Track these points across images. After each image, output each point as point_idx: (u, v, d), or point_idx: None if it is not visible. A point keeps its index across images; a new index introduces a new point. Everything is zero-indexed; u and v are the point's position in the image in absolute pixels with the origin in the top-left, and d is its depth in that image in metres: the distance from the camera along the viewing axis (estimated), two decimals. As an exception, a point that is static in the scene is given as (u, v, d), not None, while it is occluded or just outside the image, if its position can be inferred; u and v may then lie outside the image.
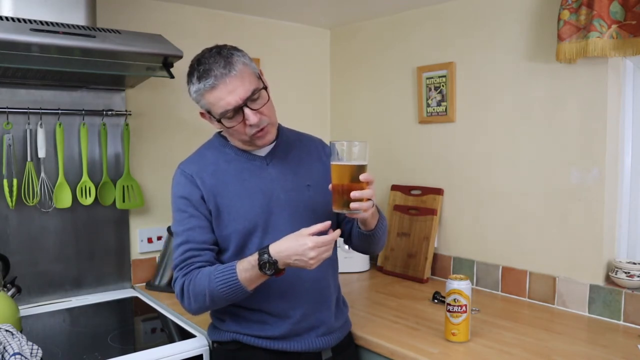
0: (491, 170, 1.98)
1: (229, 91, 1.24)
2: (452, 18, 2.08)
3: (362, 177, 1.22)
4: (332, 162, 1.25)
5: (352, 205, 1.21)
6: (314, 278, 1.37)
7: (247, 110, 1.26)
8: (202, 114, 1.35)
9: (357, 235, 1.43)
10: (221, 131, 1.44)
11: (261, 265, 1.20)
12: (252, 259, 1.22)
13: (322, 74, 2.64)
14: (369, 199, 1.24)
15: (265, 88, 1.31)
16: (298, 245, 1.19)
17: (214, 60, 1.25)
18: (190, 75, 1.29)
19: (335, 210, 1.26)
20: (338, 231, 1.24)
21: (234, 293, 1.24)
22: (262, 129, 1.31)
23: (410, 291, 1.99)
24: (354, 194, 1.20)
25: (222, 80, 1.24)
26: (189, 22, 2.17)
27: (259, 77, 1.31)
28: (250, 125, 1.28)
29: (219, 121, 1.29)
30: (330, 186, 1.26)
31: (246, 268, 1.23)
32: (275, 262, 1.20)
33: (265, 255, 1.20)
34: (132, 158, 2.05)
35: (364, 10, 2.28)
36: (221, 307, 1.33)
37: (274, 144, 1.41)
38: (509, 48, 1.89)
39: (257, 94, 1.28)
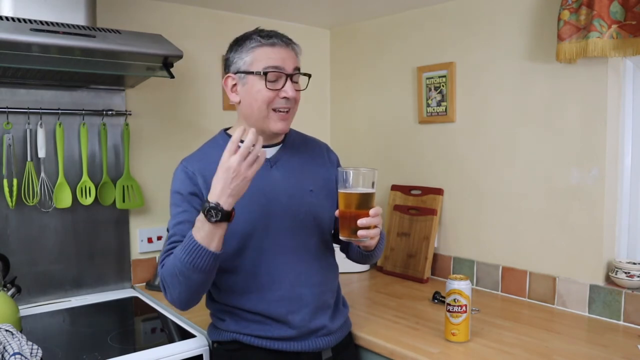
0: (491, 170, 1.98)
1: (283, 56, 1.30)
2: (452, 18, 2.08)
3: (371, 211, 1.22)
4: (340, 190, 1.25)
5: (360, 233, 1.21)
6: (313, 283, 1.37)
7: (289, 82, 1.30)
8: (228, 78, 1.34)
9: (354, 251, 1.45)
10: (227, 129, 1.44)
11: (207, 216, 1.15)
12: (200, 216, 1.18)
13: (322, 74, 2.64)
14: (375, 226, 1.24)
15: (309, 76, 1.36)
16: (222, 172, 1.14)
17: (278, 33, 1.33)
18: (245, 38, 1.32)
19: (343, 237, 1.26)
20: (259, 140, 1.16)
21: (199, 257, 1.17)
22: (287, 111, 1.33)
23: (410, 291, 1.99)
24: (361, 221, 1.21)
25: (282, 45, 1.31)
26: (189, 22, 2.17)
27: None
28: (284, 98, 1.30)
29: (265, 74, 1.27)
30: (336, 212, 1.26)
31: (198, 227, 1.18)
32: (217, 205, 1.15)
33: (206, 204, 1.16)
34: (132, 158, 2.05)
35: (364, 10, 2.28)
36: (199, 284, 1.23)
37: (279, 146, 1.41)
38: (509, 48, 1.89)
39: (299, 77, 1.35)
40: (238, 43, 1.34)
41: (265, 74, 1.28)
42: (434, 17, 2.14)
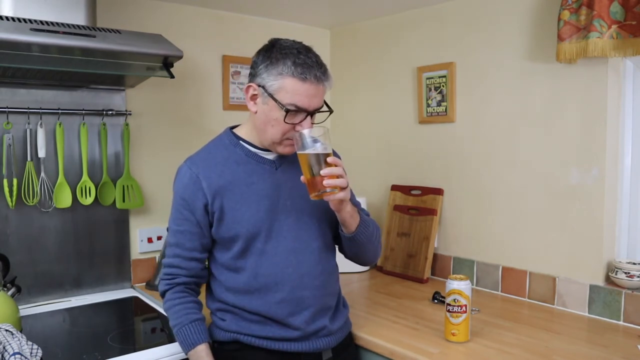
0: (491, 170, 1.98)
1: (310, 94, 1.26)
2: (452, 18, 2.08)
3: (329, 159, 1.23)
4: (298, 152, 1.25)
5: (325, 182, 1.21)
6: (315, 286, 1.37)
7: (308, 119, 1.28)
8: (250, 87, 1.31)
9: (344, 241, 1.42)
10: (233, 127, 1.44)
11: None
12: None
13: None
14: (340, 176, 1.24)
15: (331, 112, 1.34)
16: None
17: (316, 62, 1.27)
18: (280, 56, 1.26)
19: (313, 197, 1.25)
20: None
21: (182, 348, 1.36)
22: None
23: (410, 291, 1.99)
24: (324, 171, 1.21)
25: (314, 82, 1.25)
26: (189, 22, 2.17)
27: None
28: (298, 131, 1.28)
29: (287, 111, 1.25)
30: (302, 178, 1.26)
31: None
32: None
33: None
34: (132, 158, 2.05)
35: (364, 10, 2.28)
36: None
37: None
38: (509, 48, 1.89)
39: (317, 113, 1.32)
40: (271, 58, 1.26)
41: (287, 110, 1.25)
42: (434, 17, 2.14)
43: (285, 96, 1.25)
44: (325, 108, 1.33)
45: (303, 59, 1.25)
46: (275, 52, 1.27)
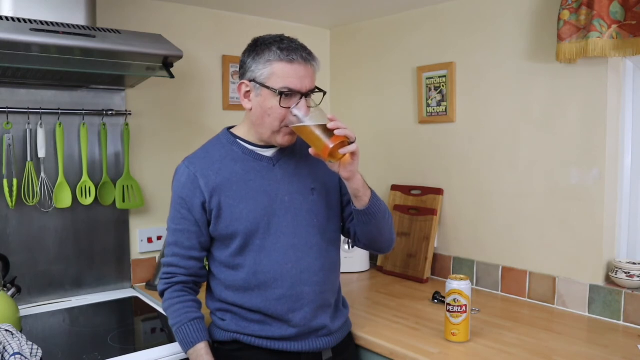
0: (491, 170, 1.98)
1: (301, 75, 1.28)
2: (452, 18, 2.08)
3: (329, 116, 1.24)
4: (300, 125, 1.26)
5: (337, 131, 1.22)
6: (315, 282, 1.37)
7: (303, 101, 1.29)
8: (242, 84, 1.33)
9: (357, 220, 1.39)
10: (230, 128, 1.44)
11: None
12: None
13: (322, 74, 2.60)
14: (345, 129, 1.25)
15: (324, 94, 1.36)
16: None
17: (300, 46, 1.31)
18: (264, 47, 1.29)
19: (328, 158, 1.24)
20: None
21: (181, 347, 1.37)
22: None
23: (410, 291, 1.99)
24: (330, 125, 1.23)
25: (301, 62, 1.28)
26: (189, 22, 2.17)
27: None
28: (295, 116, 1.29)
29: (280, 94, 1.27)
30: (311, 150, 1.26)
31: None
32: None
33: None
34: (132, 158, 2.05)
35: (364, 10, 2.28)
36: None
37: None
38: (509, 48, 1.89)
39: (313, 95, 1.34)
40: (256, 50, 1.30)
41: (281, 93, 1.27)
42: (434, 17, 2.14)
43: (277, 81, 1.28)
44: (318, 92, 1.34)
45: (287, 44, 1.29)
46: (260, 45, 1.31)
